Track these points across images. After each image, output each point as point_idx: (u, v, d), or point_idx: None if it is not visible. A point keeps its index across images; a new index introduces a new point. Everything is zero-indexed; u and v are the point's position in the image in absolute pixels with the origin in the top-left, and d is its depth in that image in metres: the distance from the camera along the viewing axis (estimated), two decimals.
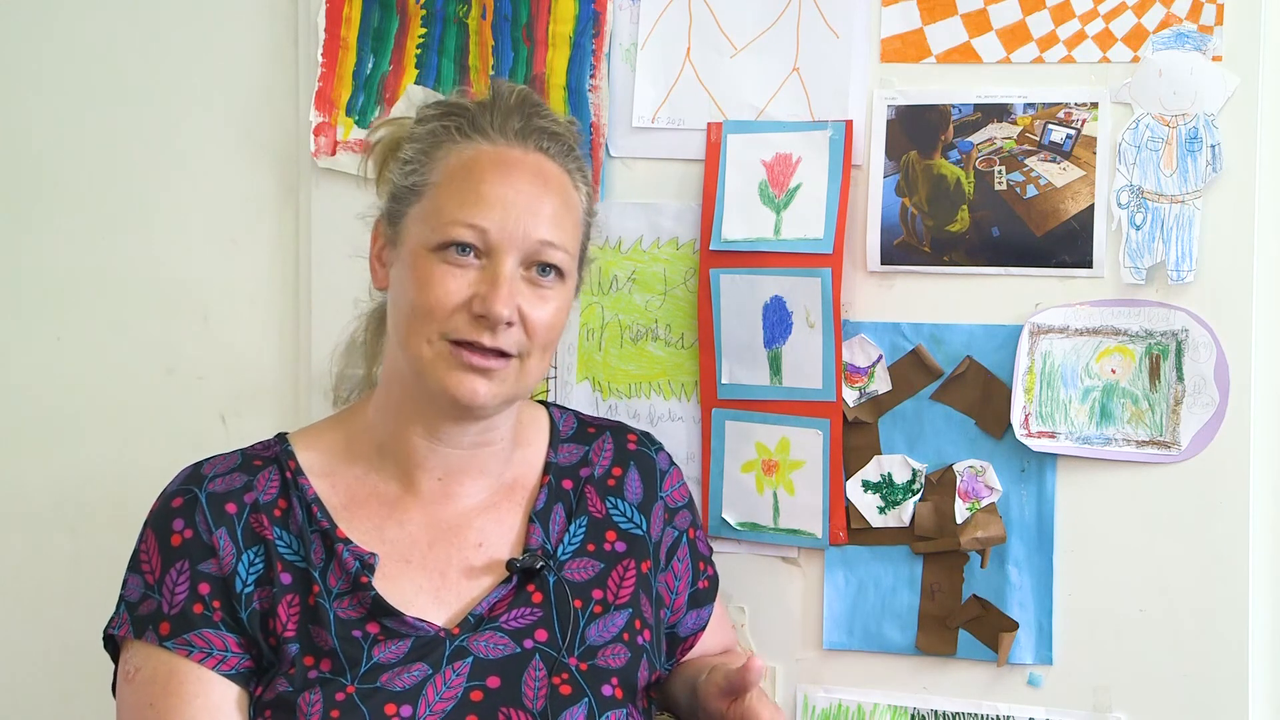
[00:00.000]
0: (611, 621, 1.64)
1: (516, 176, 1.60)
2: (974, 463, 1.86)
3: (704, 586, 1.78)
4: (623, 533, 1.69)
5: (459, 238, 1.56)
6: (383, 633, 1.56)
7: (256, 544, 1.58)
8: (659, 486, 1.74)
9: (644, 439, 1.77)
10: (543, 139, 1.63)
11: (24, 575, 2.22)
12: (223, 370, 2.16)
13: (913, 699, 1.89)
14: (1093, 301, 1.81)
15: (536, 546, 1.63)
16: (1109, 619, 1.82)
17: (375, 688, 1.53)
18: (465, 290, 1.56)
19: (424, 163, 1.62)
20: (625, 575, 1.67)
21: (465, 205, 1.57)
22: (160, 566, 1.57)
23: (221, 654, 1.55)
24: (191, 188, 2.17)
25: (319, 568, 1.58)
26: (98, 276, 2.20)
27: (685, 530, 1.76)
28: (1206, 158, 1.76)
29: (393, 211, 1.63)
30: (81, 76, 2.20)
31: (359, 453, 1.65)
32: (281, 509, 1.60)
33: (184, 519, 1.58)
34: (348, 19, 2.07)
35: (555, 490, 1.69)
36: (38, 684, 2.21)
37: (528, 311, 1.57)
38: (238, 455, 1.65)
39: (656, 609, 1.70)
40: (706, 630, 1.78)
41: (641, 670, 1.64)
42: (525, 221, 1.57)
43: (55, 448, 2.21)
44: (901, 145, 1.87)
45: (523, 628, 1.60)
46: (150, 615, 1.56)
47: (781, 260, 1.89)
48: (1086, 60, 1.81)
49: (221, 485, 1.60)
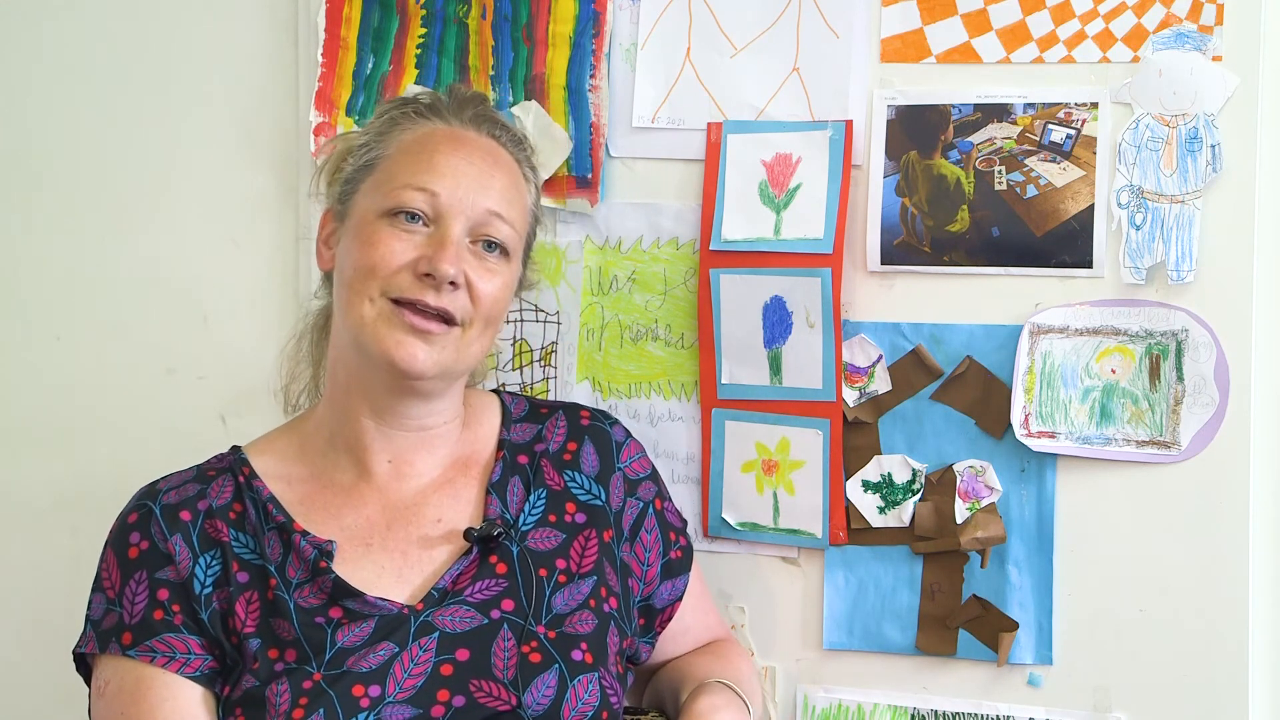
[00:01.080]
0: (577, 590, 1.64)
1: (469, 150, 1.64)
2: (974, 463, 1.86)
3: (677, 556, 1.78)
4: (581, 504, 1.70)
5: (410, 202, 1.59)
6: (345, 616, 1.57)
7: (213, 548, 1.60)
8: (616, 458, 1.75)
9: (597, 414, 1.78)
10: (495, 128, 1.69)
11: (24, 575, 2.23)
12: (223, 370, 2.16)
13: (913, 699, 1.89)
14: (1093, 301, 1.81)
15: (495, 516, 1.65)
16: (1109, 619, 1.82)
17: (342, 672, 1.54)
18: (411, 251, 1.58)
19: (378, 142, 1.65)
20: (588, 545, 1.68)
21: (418, 171, 1.60)
22: (120, 580, 1.59)
23: (185, 656, 1.56)
24: (191, 188, 2.17)
25: (276, 562, 1.59)
26: (98, 276, 2.20)
27: (650, 501, 1.76)
28: (1206, 158, 1.76)
29: (344, 194, 1.66)
30: (82, 77, 2.20)
31: (312, 450, 1.67)
32: (236, 512, 1.62)
33: (140, 532, 1.60)
34: (348, 19, 2.07)
35: (510, 464, 1.70)
36: (38, 684, 2.21)
37: (474, 280, 1.59)
38: (192, 470, 1.67)
39: (623, 578, 1.70)
40: (684, 604, 1.78)
41: (611, 636, 1.64)
42: (475, 192, 1.61)
43: (55, 448, 2.22)
44: (901, 145, 1.87)
45: (489, 599, 1.61)
46: (113, 628, 1.58)
47: (781, 260, 1.89)
48: (1086, 60, 1.81)
49: (175, 496, 1.63)
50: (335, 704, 1.52)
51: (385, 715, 1.53)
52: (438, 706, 1.54)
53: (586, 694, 1.58)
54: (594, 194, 1.99)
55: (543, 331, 2.02)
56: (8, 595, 2.23)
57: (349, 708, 1.52)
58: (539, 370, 2.03)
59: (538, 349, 2.03)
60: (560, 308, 2.02)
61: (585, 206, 1.99)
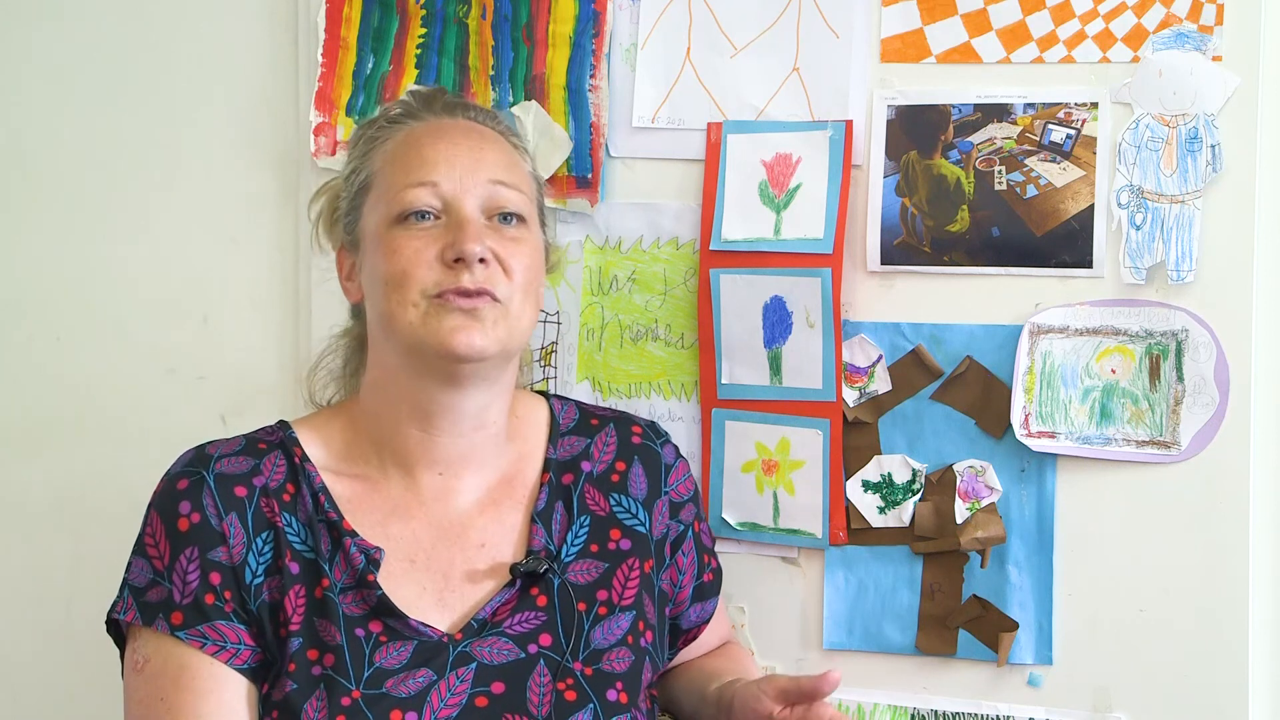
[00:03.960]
0: (616, 624, 1.63)
1: (452, 134, 1.63)
2: (974, 463, 1.86)
3: (709, 580, 1.77)
4: (627, 529, 1.68)
5: (415, 201, 1.58)
6: (385, 633, 1.55)
7: (266, 529, 1.55)
8: (664, 481, 1.73)
9: (649, 431, 1.75)
10: (467, 110, 1.68)
11: (24, 575, 2.22)
12: (223, 370, 2.16)
13: (913, 699, 1.89)
14: (1093, 301, 1.81)
15: (539, 549, 1.62)
16: (1109, 619, 1.81)
17: (381, 694, 1.52)
18: (433, 245, 1.57)
19: (364, 164, 1.64)
20: (630, 576, 1.66)
21: (412, 169, 1.60)
22: (169, 552, 1.53)
23: (235, 647, 1.53)
24: (191, 188, 2.17)
25: (327, 559, 1.56)
26: (98, 276, 2.20)
27: (691, 524, 1.75)
28: (1206, 158, 1.76)
29: (348, 224, 1.65)
30: (81, 76, 2.20)
31: (359, 453, 1.63)
32: (290, 494, 1.58)
33: (191, 502, 1.55)
34: (348, 19, 2.07)
35: (556, 488, 1.67)
36: (38, 684, 2.21)
37: (502, 255, 1.57)
38: (241, 439, 1.62)
39: (660, 608, 1.69)
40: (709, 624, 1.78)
41: (645, 672, 1.64)
42: (472, 169, 1.60)
43: (55, 448, 2.21)
44: (901, 145, 1.87)
45: (527, 632, 1.59)
46: (160, 603, 1.53)
47: (781, 260, 1.89)
48: (1086, 60, 1.81)
49: (229, 467, 1.57)
50: None
51: None
52: None
53: None
54: (594, 194, 1.99)
55: (543, 331, 2.02)
56: (8, 595, 2.23)
57: None
58: (539, 370, 2.03)
59: (538, 349, 2.03)
60: (560, 308, 2.02)
61: (585, 206, 1.99)
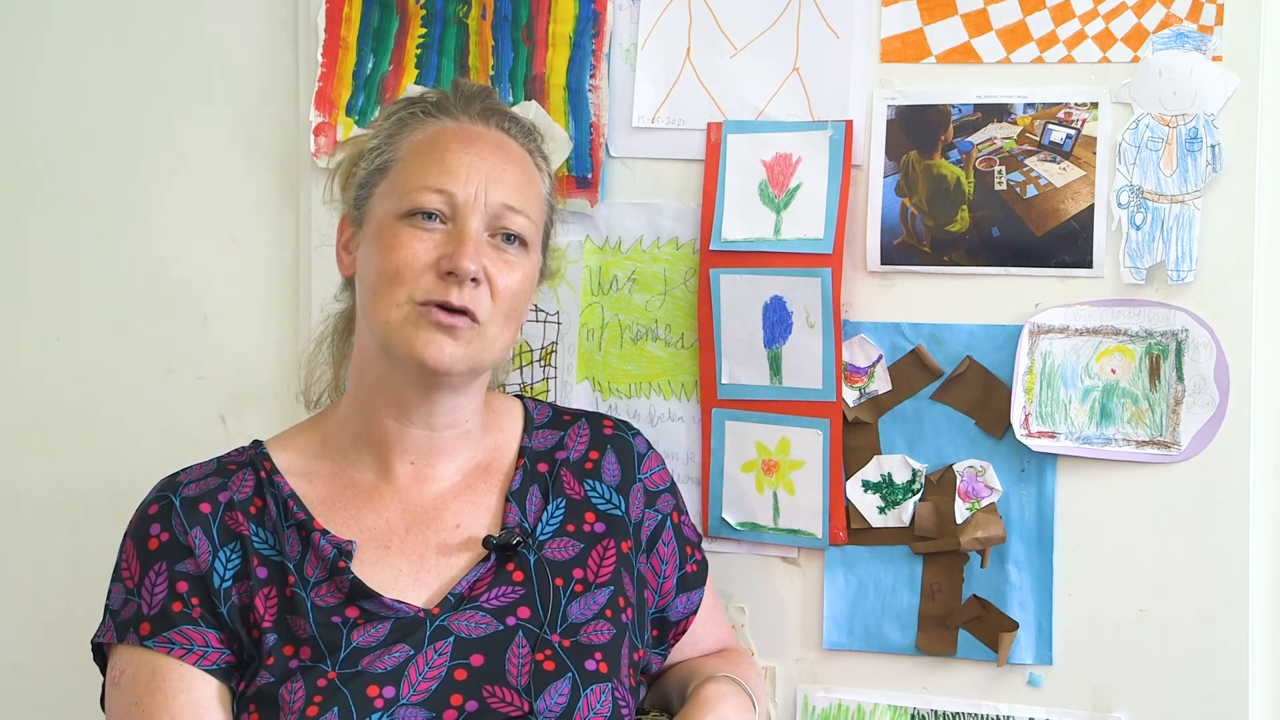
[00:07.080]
0: (593, 599, 1.65)
1: (480, 145, 1.66)
2: (974, 463, 1.86)
3: (693, 570, 1.78)
4: (601, 514, 1.71)
5: (426, 203, 1.61)
6: (362, 616, 1.57)
7: (232, 540, 1.60)
8: (637, 469, 1.75)
9: (620, 425, 1.79)
10: (503, 120, 1.70)
11: (24, 575, 2.22)
12: (223, 370, 2.16)
13: (913, 699, 1.89)
14: (1093, 301, 1.81)
15: (514, 524, 1.65)
16: (1109, 619, 1.82)
17: (356, 671, 1.54)
18: (432, 251, 1.60)
19: (389, 145, 1.67)
20: (605, 555, 1.68)
21: (431, 173, 1.62)
22: (139, 571, 1.59)
23: (202, 649, 1.56)
24: (191, 188, 2.17)
25: (294, 560, 1.60)
26: (98, 276, 2.20)
27: (669, 514, 1.76)
28: (1206, 158, 1.76)
29: (359, 198, 1.68)
30: (82, 76, 2.20)
31: (334, 448, 1.68)
32: (257, 506, 1.63)
33: (160, 524, 1.61)
34: (348, 19, 2.07)
35: (530, 473, 1.70)
36: (38, 684, 2.21)
37: (494, 275, 1.61)
38: (213, 463, 1.68)
39: (639, 589, 1.71)
40: (699, 617, 1.78)
41: (625, 647, 1.65)
42: (489, 186, 1.63)
43: (55, 448, 2.21)
44: (901, 145, 1.87)
45: (505, 605, 1.61)
46: (131, 618, 1.58)
47: (781, 260, 1.89)
48: (1086, 60, 1.81)
49: (195, 489, 1.63)
50: (349, 702, 1.53)
51: (399, 717, 1.53)
52: (450, 710, 1.55)
53: (599, 704, 1.58)
54: (594, 194, 1.99)
55: (543, 331, 2.02)
56: (8, 595, 2.23)
57: (363, 707, 1.53)
58: (539, 370, 2.03)
59: (538, 349, 2.03)
60: (560, 308, 2.02)
61: (585, 206, 1.99)
